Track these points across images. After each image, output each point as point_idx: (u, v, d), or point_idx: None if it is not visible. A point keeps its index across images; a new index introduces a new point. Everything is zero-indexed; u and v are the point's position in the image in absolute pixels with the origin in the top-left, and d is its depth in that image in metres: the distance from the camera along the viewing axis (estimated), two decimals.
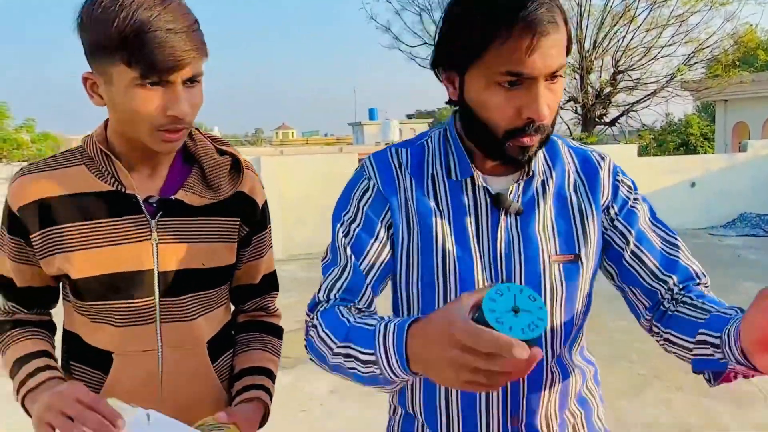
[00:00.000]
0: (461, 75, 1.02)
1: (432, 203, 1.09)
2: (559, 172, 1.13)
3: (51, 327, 1.30)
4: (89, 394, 1.05)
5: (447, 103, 1.11)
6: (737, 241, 9.89)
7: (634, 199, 1.16)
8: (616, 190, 1.15)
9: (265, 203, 1.36)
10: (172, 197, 1.20)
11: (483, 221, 1.09)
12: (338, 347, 0.96)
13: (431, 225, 1.08)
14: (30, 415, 1.13)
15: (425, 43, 18.38)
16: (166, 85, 1.06)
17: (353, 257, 1.08)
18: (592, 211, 1.12)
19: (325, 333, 1.00)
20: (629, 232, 1.12)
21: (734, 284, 7.02)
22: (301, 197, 9.57)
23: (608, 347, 4.72)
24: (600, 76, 17.66)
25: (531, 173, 1.10)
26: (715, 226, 10.91)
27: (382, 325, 0.89)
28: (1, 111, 17.92)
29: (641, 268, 1.11)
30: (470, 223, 1.09)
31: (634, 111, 17.93)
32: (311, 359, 1.07)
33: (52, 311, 1.32)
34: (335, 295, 1.08)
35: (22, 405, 1.16)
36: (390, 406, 1.26)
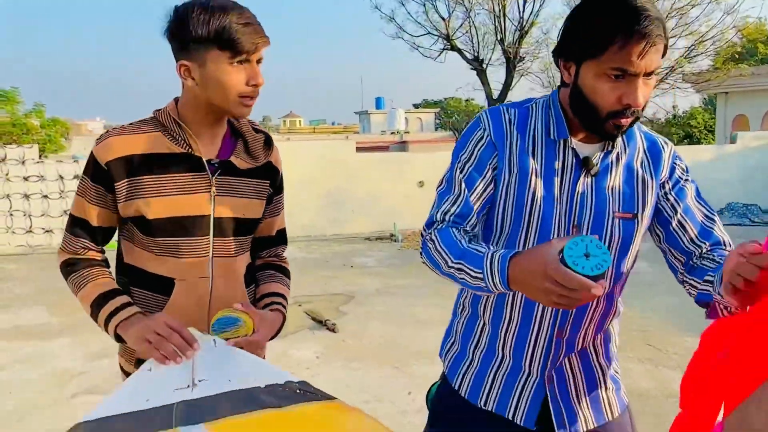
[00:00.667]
0: (578, 65, 1.30)
1: (530, 156, 1.38)
2: (631, 149, 1.43)
3: (108, 264, 1.64)
4: (175, 320, 1.40)
5: (560, 85, 1.41)
6: None
7: (686, 179, 1.45)
8: (673, 170, 1.45)
9: (281, 178, 1.71)
10: (229, 159, 1.55)
11: (567, 177, 1.38)
12: (453, 262, 1.28)
13: (527, 173, 1.37)
14: (117, 340, 1.51)
15: (428, 32, 18.49)
16: (247, 64, 1.43)
17: (466, 190, 1.38)
18: (651, 183, 1.42)
19: (442, 248, 1.31)
20: (678, 204, 1.42)
21: None
22: (303, 182, 9.91)
23: None
24: None
25: (612, 146, 1.40)
26: None
27: (490, 253, 1.22)
28: (12, 96, 18.13)
29: (683, 233, 1.41)
30: (557, 176, 1.38)
31: None
32: (424, 263, 1.39)
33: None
34: (449, 218, 1.38)
35: (112, 331, 1.49)
36: (459, 305, 1.58)
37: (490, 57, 17.74)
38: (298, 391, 1.39)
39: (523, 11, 17.37)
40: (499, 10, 17.50)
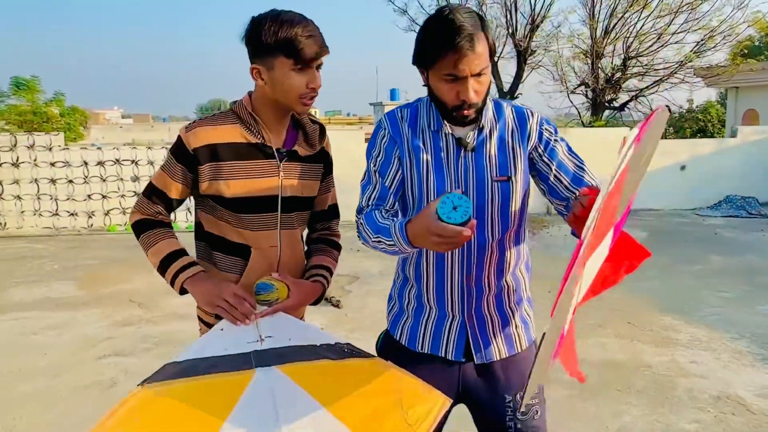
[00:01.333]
0: (426, 71, 1.66)
1: (421, 144, 1.74)
2: (501, 124, 1.75)
3: (173, 228, 1.91)
4: (241, 290, 1.72)
5: (423, 85, 1.79)
6: (720, 221, 10.44)
7: (555, 140, 1.75)
8: (540, 134, 1.75)
9: (330, 160, 1.99)
10: (294, 149, 1.85)
11: (451, 156, 1.72)
12: (373, 237, 1.61)
13: (420, 158, 1.73)
14: (181, 293, 1.80)
15: None
16: (308, 69, 1.71)
17: (380, 178, 1.74)
18: (521, 149, 1.74)
19: (366, 228, 1.65)
20: (551, 161, 1.73)
21: (704, 256, 7.67)
22: None
23: None
24: (611, 62, 18.05)
25: (482, 126, 1.72)
26: (702, 207, 11.45)
27: (393, 224, 1.55)
28: (33, 85, 18.46)
29: (559, 184, 1.72)
30: (443, 157, 1.72)
31: (643, 96, 18.18)
32: (360, 241, 1.74)
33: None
34: (372, 202, 1.72)
35: (179, 284, 1.78)
36: (396, 274, 1.94)
37: (501, 50, 17.91)
38: (346, 350, 1.68)
39: (535, 5, 17.59)
40: (511, 4, 17.74)
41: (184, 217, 10.05)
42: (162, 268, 1.80)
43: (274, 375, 1.57)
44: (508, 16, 17.93)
